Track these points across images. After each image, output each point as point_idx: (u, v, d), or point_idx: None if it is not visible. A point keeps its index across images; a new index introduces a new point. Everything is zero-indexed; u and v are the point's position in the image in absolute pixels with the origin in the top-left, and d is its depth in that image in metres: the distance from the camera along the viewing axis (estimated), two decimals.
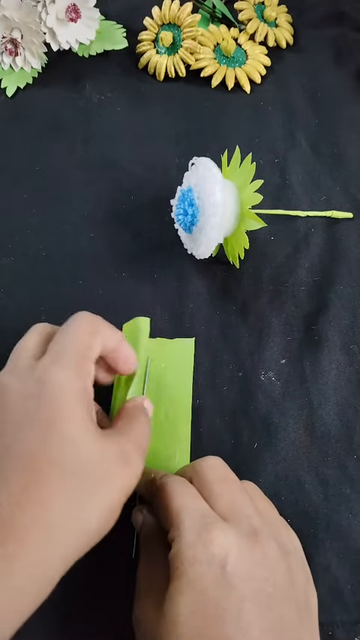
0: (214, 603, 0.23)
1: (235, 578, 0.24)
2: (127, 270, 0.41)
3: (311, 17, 0.55)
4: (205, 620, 0.23)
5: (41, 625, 0.30)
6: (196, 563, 0.24)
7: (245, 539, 0.25)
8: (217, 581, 0.24)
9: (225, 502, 0.27)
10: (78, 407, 0.25)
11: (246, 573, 0.24)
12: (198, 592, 0.23)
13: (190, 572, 0.24)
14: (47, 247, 0.42)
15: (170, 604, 0.24)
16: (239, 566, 0.24)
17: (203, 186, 0.36)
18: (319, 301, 0.40)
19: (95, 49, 0.52)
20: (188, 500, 0.27)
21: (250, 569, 0.24)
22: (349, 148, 0.48)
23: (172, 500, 0.27)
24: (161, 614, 0.24)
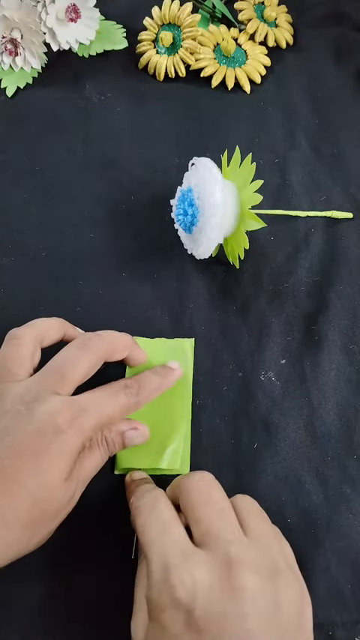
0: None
1: (206, 621, 0.23)
2: (127, 270, 0.41)
3: (311, 17, 0.55)
4: None
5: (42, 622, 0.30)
6: (165, 609, 0.24)
7: (218, 573, 0.24)
8: (187, 625, 0.23)
9: (203, 528, 0.26)
10: (69, 460, 0.28)
11: (218, 613, 0.23)
12: (171, 636, 0.23)
13: (160, 618, 0.24)
14: (47, 247, 0.42)
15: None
16: (209, 608, 0.23)
17: (203, 186, 0.36)
18: (319, 301, 0.40)
19: (95, 49, 0.52)
20: (156, 534, 0.26)
21: (223, 608, 0.23)
22: (349, 148, 0.48)
23: (143, 533, 0.27)
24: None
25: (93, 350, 0.31)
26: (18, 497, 0.26)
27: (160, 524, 0.27)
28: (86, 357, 0.31)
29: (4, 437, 0.27)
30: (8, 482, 0.26)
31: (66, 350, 0.31)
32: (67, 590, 0.31)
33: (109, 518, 0.32)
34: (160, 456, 0.33)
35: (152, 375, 0.33)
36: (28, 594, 0.31)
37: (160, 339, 0.37)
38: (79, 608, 0.30)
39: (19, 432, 0.27)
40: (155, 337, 0.37)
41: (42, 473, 0.27)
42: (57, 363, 0.31)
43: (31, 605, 0.30)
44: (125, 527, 0.32)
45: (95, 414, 0.29)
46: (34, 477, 0.26)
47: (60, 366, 0.30)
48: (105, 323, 0.38)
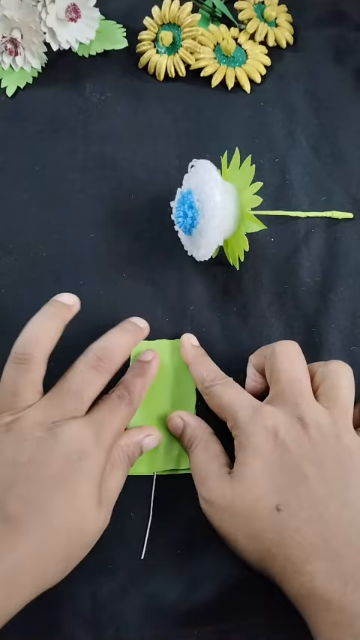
0: (278, 462, 0.28)
1: (288, 439, 0.29)
2: (128, 271, 0.41)
3: (311, 17, 0.55)
4: (274, 475, 0.28)
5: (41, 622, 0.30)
6: (255, 435, 0.29)
7: (290, 418, 0.30)
8: (275, 445, 0.29)
9: (281, 390, 0.31)
10: (97, 480, 0.29)
11: (296, 437, 0.29)
12: (263, 455, 0.29)
13: (252, 442, 0.29)
14: (47, 248, 0.42)
15: (244, 469, 0.29)
16: (288, 432, 0.29)
17: (203, 188, 0.36)
18: (319, 302, 0.40)
19: (95, 49, 0.52)
20: (235, 394, 0.32)
21: (299, 436, 0.29)
22: (349, 148, 0.48)
23: (223, 398, 0.32)
24: (235, 483, 0.29)
25: (105, 371, 0.32)
26: (50, 530, 0.26)
27: (236, 389, 0.33)
28: (100, 380, 0.31)
29: (29, 467, 0.27)
30: (39, 515, 0.26)
31: (80, 370, 0.31)
32: (67, 590, 0.31)
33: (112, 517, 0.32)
34: (170, 458, 0.34)
35: (134, 377, 0.34)
36: None
37: (161, 341, 0.37)
38: (79, 608, 0.31)
39: (45, 460, 0.27)
40: (156, 339, 0.37)
41: (73, 501, 0.27)
42: (73, 386, 0.31)
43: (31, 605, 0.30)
44: (130, 527, 0.32)
45: (109, 428, 0.30)
46: (64, 506, 0.27)
47: (78, 390, 0.31)
48: (105, 323, 0.38)
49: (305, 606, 0.26)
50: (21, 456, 0.27)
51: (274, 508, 0.27)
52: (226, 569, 0.31)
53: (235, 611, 0.31)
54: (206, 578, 0.31)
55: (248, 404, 0.31)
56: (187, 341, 0.37)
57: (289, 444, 0.29)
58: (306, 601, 0.26)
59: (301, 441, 0.29)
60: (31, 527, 0.26)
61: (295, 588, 0.26)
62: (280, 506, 0.27)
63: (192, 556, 0.32)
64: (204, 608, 0.31)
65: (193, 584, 0.31)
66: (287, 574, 0.26)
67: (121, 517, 0.32)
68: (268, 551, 0.27)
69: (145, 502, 0.33)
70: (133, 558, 0.32)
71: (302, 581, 0.26)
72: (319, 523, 0.27)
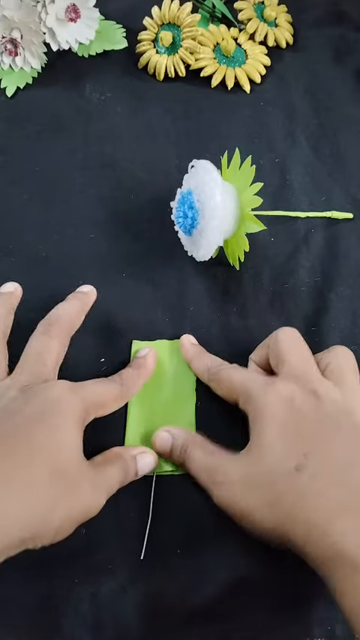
0: (295, 426, 0.28)
1: (304, 408, 0.29)
2: (128, 271, 0.41)
3: (311, 17, 0.55)
4: (291, 438, 0.28)
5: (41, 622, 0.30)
6: (270, 405, 0.29)
7: (305, 390, 0.30)
8: (291, 411, 0.29)
9: (293, 368, 0.31)
10: (78, 424, 0.30)
11: (311, 406, 0.29)
12: (279, 421, 0.29)
13: (267, 411, 0.29)
14: (47, 248, 0.42)
15: (260, 438, 0.29)
16: (304, 402, 0.29)
17: (203, 189, 0.36)
18: (319, 302, 0.40)
19: (95, 49, 0.52)
20: (244, 373, 0.33)
21: (314, 405, 0.29)
22: (349, 148, 0.48)
23: (232, 378, 0.32)
24: (252, 453, 0.29)
25: (56, 335, 0.33)
26: (36, 457, 0.27)
27: (244, 369, 0.33)
28: (54, 343, 0.33)
29: (4, 414, 0.29)
30: (22, 443, 0.27)
31: (34, 340, 0.33)
32: (67, 590, 0.31)
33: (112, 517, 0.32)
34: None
35: (128, 368, 0.35)
36: (28, 594, 0.31)
37: (161, 341, 0.37)
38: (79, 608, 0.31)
39: (23, 405, 0.29)
40: (156, 339, 0.38)
41: (55, 434, 0.28)
42: (33, 353, 0.33)
43: (30, 605, 0.30)
44: (130, 527, 0.32)
45: (90, 390, 0.31)
46: (48, 437, 0.28)
47: (37, 355, 0.33)
48: (105, 324, 0.38)
49: (331, 568, 0.25)
50: (3, 411, 0.29)
51: (293, 469, 0.27)
52: (225, 569, 0.31)
53: (235, 611, 0.31)
54: (206, 578, 0.31)
55: (260, 379, 0.32)
56: (186, 340, 0.37)
57: (306, 411, 0.29)
58: (332, 563, 0.25)
59: (317, 409, 0.29)
60: (11, 450, 0.27)
61: (320, 550, 0.26)
62: (299, 467, 0.27)
63: (192, 556, 0.32)
64: (204, 608, 0.31)
65: (193, 584, 0.31)
66: (312, 537, 0.26)
67: (121, 517, 0.32)
68: (289, 516, 0.27)
69: (145, 502, 0.33)
70: (133, 558, 0.32)
71: (329, 543, 0.25)
72: (345, 484, 0.26)
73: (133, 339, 0.38)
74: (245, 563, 0.31)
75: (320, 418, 0.29)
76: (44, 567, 0.31)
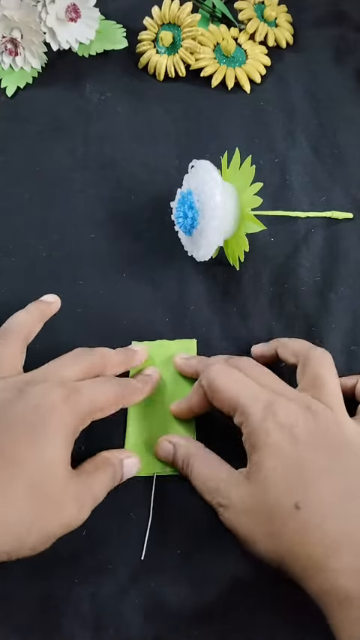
0: (295, 458, 0.28)
1: (303, 435, 0.28)
2: (128, 271, 0.41)
3: (311, 17, 0.55)
4: (291, 472, 0.28)
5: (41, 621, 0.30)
6: (271, 434, 0.29)
7: (301, 408, 0.30)
8: (291, 442, 0.28)
9: (267, 383, 0.31)
10: (67, 439, 0.28)
11: (309, 431, 0.29)
12: (279, 454, 0.28)
13: (269, 441, 0.28)
14: (48, 248, 0.42)
15: (260, 470, 0.28)
16: (304, 427, 0.29)
17: (203, 189, 0.36)
18: (319, 302, 0.40)
19: (95, 49, 0.52)
20: (239, 386, 0.31)
21: (311, 430, 0.29)
22: (349, 148, 0.48)
23: (226, 391, 0.31)
24: (252, 484, 0.28)
25: (87, 362, 0.32)
26: (17, 472, 0.26)
27: (236, 378, 0.31)
28: (79, 366, 0.32)
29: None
30: (6, 458, 0.26)
31: (62, 357, 0.32)
32: (67, 590, 0.31)
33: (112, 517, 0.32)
34: None
35: (132, 378, 0.35)
36: (28, 593, 0.31)
37: (162, 341, 0.37)
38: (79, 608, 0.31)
39: (13, 410, 0.28)
40: (156, 339, 0.37)
41: (40, 448, 0.27)
42: (51, 365, 0.32)
43: (31, 605, 0.30)
44: (130, 528, 0.32)
45: (87, 397, 0.30)
46: (31, 451, 0.27)
47: (54, 367, 0.31)
48: (105, 324, 0.38)
49: (327, 603, 0.26)
50: None
51: (294, 506, 0.27)
52: (226, 569, 0.31)
53: (235, 611, 0.31)
54: (206, 579, 0.31)
55: (260, 399, 0.30)
56: (178, 359, 0.36)
57: (305, 438, 0.28)
58: (328, 598, 0.26)
59: (314, 433, 0.29)
60: None
61: (316, 585, 0.26)
62: (300, 504, 0.27)
63: (192, 556, 0.32)
64: (204, 608, 0.31)
65: (193, 585, 0.31)
66: (309, 572, 0.26)
67: (121, 518, 0.32)
68: (289, 550, 0.27)
69: (145, 503, 0.33)
70: (133, 559, 0.31)
71: (325, 578, 0.26)
72: (342, 518, 0.26)
73: (133, 339, 0.38)
74: (245, 563, 0.31)
75: (317, 444, 0.28)
76: (44, 567, 0.31)
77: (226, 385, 0.31)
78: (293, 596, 0.30)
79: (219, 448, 0.32)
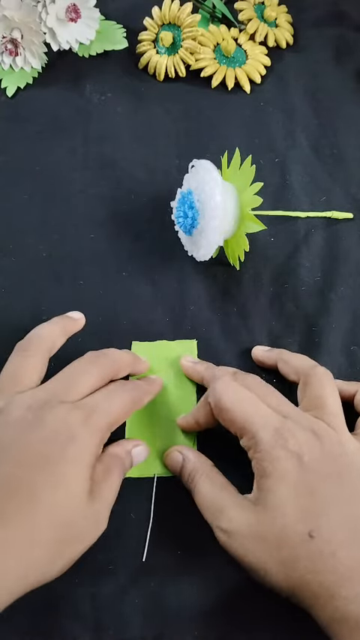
0: (304, 486, 0.28)
1: (313, 462, 0.28)
2: (128, 271, 0.41)
3: (311, 17, 0.55)
4: (303, 500, 0.27)
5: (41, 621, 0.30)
6: (280, 461, 0.28)
7: (308, 432, 0.29)
8: (301, 469, 0.28)
9: (275, 404, 0.31)
10: (87, 466, 0.28)
11: (317, 458, 0.28)
12: (289, 481, 0.28)
13: (278, 469, 0.28)
14: (48, 248, 0.42)
15: (269, 496, 0.28)
16: (312, 454, 0.28)
17: (203, 189, 0.36)
18: (319, 302, 0.40)
19: (95, 49, 0.52)
20: (248, 407, 0.30)
21: (320, 455, 0.29)
22: (349, 148, 0.48)
23: (234, 411, 0.30)
24: (260, 510, 0.28)
25: (102, 366, 0.31)
26: (37, 512, 0.25)
27: (246, 397, 0.30)
28: (95, 371, 0.31)
29: (12, 447, 0.27)
30: (25, 497, 0.25)
31: (74, 363, 0.31)
32: (67, 590, 0.31)
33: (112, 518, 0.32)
34: None
35: (139, 379, 0.34)
36: (28, 594, 0.31)
37: (163, 342, 0.37)
38: (79, 608, 0.31)
39: (29, 440, 0.27)
40: (156, 339, 0.38)
41: (60, 483, 0.26)
42: (66, 373, 0.31)
43: (31, 605, 0.30)
44: (131, 528, 0.32)
45: (105, 412, 0.29)
46: (51, 488, 0.26)
47: (69, 376, 0.31)
48: (105, 324, 0.38)
49: (337, 631, 0.25)
50: (6, 436, 0.27)
51: (307, 534, 0.26)
52: (226, 570, 0.31)
53: (236, 611, 0.31)
54: (206, 579, 0.31)
55: (270, 423, 0.29)
56: (184, 361, 0.36)
57: (315, 466, 0.28)
58: (339, 626, 0.25)
59: (322, 459, 0.28)
60: (12, 510, 0.25)
61: (328, 614, 0.26)
62: (313, 533, 0.26)
63: (192, 557, 0.32)
64: (204, 608, 0.31)
65: (193, 585, 0.31)
66: (320, 600, 0.26)
67: (121, 518, 0.32)
68: (301, 579, 0.26)
69: (145, 503, 0.33)
70: (134, 559, 0.31)
71: (336, 606, 0.25)
72: (354, 545, 0.26)
73: (133, 339, 0.38)
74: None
75: (327, 472, 0.28)
76: None
77: (234, 405, 0.30)
78: None
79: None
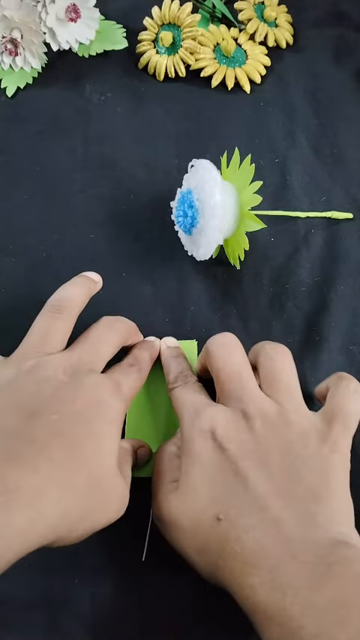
0: (217, 467, 0.27)
1: (226, 442, 0.28)
2: (128, 271, 0.41)
3: (311, 17, 0.55)
4: (213, 481, 0.27)
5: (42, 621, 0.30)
6: (195, 440, 0.28)
7: (233, 415, 0.29)
8: (213, 449, 0.28)
9: (223, 388, 0.31)
10: (118, 433, 0.29)
11: (235, 437, 0.28)
12: (202, 462, 0.28)
13: (193, 448, 0.28)
14: (48, 248, 0.42)
15: (186, 480, 0.28)
16: (227, 433, 0.28)
17: (203, 188, 0.36)
18: (319, 302, 0.40)
19: (95, 49, 0.52)
20: (188, 397, 0.31)
21: (238, 435, 0.28)
22: (349, 148, 0.48)
23: (177, 401, 0.32)
24: (179, 495, 0.28)
25: (118, 331, 0.33)
26: (79, 459, 0.26)
27: (191, 390, 0.32)
28: (115, 337, 0.33)
29: (53, 401, 0.27)
30: (69, 442, 0.26)
31: (96, 328, 0.33)
32: (66, 589, 0.31)
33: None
34: None
35: (140, 350, 0.35)
36: (28, 594, 0.31)
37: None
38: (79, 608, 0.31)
39: (69, 398, 0.28)
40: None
41: (99, 441, 0.27)
42: (90, 340, 0.32)
43: (31, 605, 0.30)
44: (133, 527, 0.32)
45: (129, 387, 0.31)
46: (91, 442, 0.27)
47: (94, 343, 0.32)
48: None
49: (253, 620, 0.25)
50: (46, 390, 0.28)
51: (215, 518, 0.26)
52: None
53: (236, 611, 0.31)
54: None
55: (193, 406, 0.30)
56: (162, 343, 0.37)
57: (227, 445, 0.28)
58: (252, 615, 0.25)
59: (242, 438, 0.28)
60: (54, 452, 0.25)
61: (241, 602, 0.25)
62: (221, 516, 0.26)
63: None
64: (204, 609, 0.31)
65: (193, 585, 0.31)
66: (233, 588, 0.25)
67: (121, 518, 0.32)
68: (216, 565, 0.26)
69: (145, 504, 0.33)
70: (134, 559, 0.32)
71: (245, 596, 0.25)
72: (258, 529, 0.25)
73: None
74: None
75: (244, 451, 0.28)
76: (44, 567, 0.31)
77: (178, 395, 0.32)
78: None
79: None
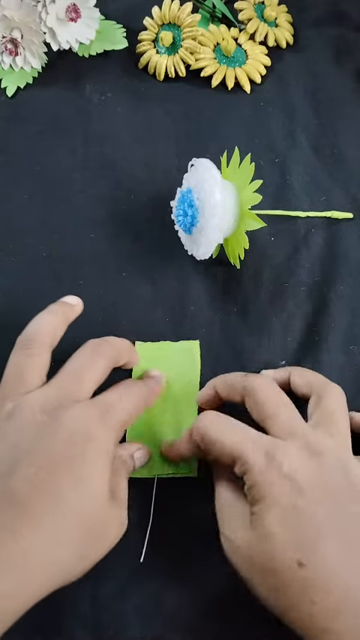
0: (294, 511, 0.27)
1: (307, 486, 0.27)
2: (128, 271, 0.41)
3: (311, 17, 0.55)
4: (294, 527, 0.26)
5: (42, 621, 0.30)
6: (273, 485, 0.27)
7: (304, 453, 0.28)
8: (293, 493, 0.27)
9: (280, 424, 0.29)
10: (107, 465, 0.28)
11: (310, 479, 0.27)
12: (281, 507, 0.27)
13: (270, 493, 0.27)
14: (48, 248, 0.42)
15: (260, 522, 0.27)
16: (306, 476, 0.27)
17: (202, 187, 0.36)
18: (319, 302, 0.40)
19: (95, 49, 0.52)
20: (238, 436, 0.29)
21: (312, 477, 0.28)
22: (349, 148, 0.48)
23: (224, 441, 0.29)
24: (254, 534, 0.27)
25: (105, 354, 0.31)
26: (64, 513, 0.25)
27: (235, 426, 0.30)
28: (100, 361, 0.31)
29: (32, 451, 0.27)
30: (51, 498, 0.25)
31: (79, 355, 0.31)
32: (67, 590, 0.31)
33: None
34: (171, 462, 0.33)
35: (146, 377, 0.35)
36: None
37: (165, 342, 0.38)
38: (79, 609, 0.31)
39: (48, 443, 0.27)
40: (157, 339, 0.38)
41: (84, 484, 0.26)
42: (72, 368, 0.31)
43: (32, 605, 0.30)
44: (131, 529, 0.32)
45: (118, 410, 0.30)
46: (76, 489, 0.26)
47: (76, 371, 0.30)
48: (105, 324, 0.38)
49: None
50: (24, 440, 0.27)
51: (296, 563, 0.26)
52: (226, 570, 0.31)
53: (235, 612, 0.31)
54: (206, 579, 0.31)
55: (261, 448, 0.28)
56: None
57: (305, 488, 0.27)
58: None
59: (318, 482, 0.28)
60: (38, 511, 0.25)
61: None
62: (303, 560, 0.26)
63: (191, 558, 0.32)
64: (204, 608, 0.31)
65: (193, 585, 0.31)
66: (312, 631, 0.25)
67: None
68: (291, 607, 0.26)
69: (145, 505, 0.33)
70: (134, 559, 0.32)
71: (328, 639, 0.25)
72: (346, 574, 0.25)
73: (134, 339, 0.38)
74: None
75: (318, 497, 0.27)
76: None
77: (222, 434, 0.29)
78: None
79: None
